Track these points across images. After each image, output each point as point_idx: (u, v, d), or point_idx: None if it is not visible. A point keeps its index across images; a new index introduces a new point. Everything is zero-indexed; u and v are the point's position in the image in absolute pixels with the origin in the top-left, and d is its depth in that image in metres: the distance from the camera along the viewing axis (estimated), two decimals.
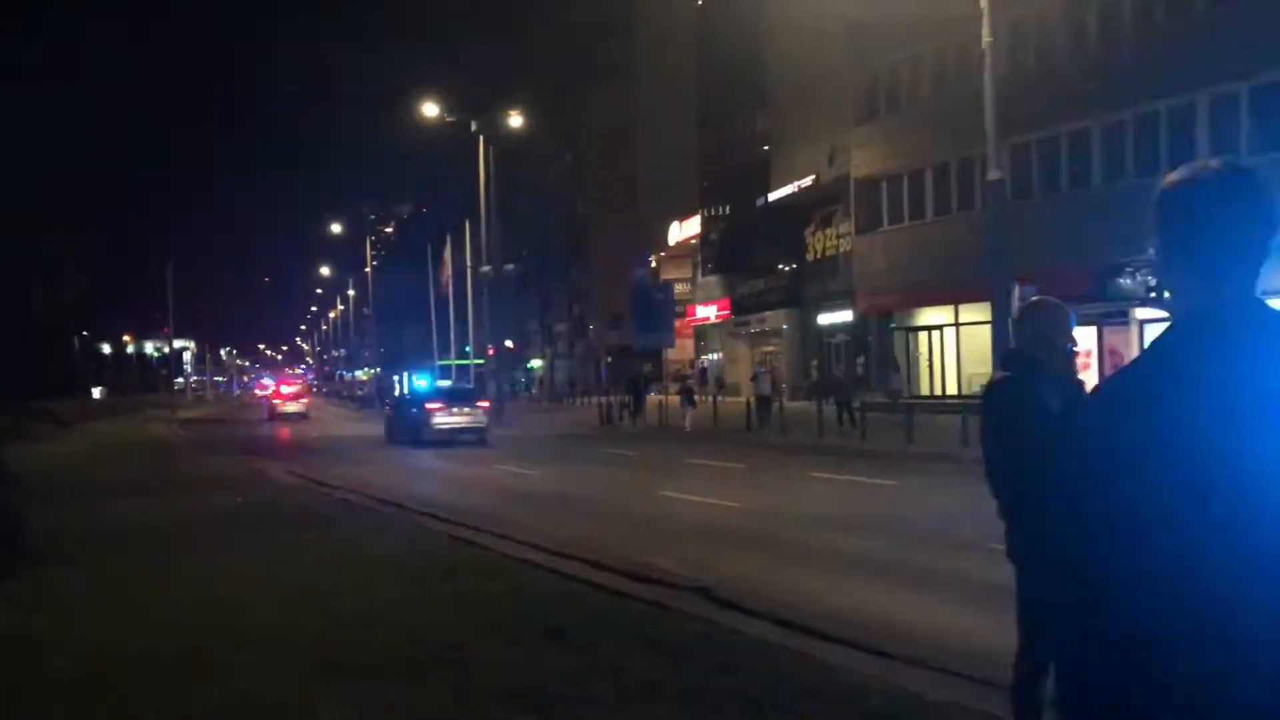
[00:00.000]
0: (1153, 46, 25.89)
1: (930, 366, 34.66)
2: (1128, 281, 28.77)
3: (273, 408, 53.19)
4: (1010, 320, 20.21)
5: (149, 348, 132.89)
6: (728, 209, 51.50)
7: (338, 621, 7.44)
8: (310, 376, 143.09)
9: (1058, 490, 1.87)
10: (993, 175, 20.04)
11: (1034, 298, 4.56)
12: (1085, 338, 20.12)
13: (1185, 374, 1.78)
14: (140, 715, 5.52)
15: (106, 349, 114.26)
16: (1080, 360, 4.62)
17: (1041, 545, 2.87)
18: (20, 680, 6.27)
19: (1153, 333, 26.70)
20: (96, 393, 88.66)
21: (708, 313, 53.67)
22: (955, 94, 30.97)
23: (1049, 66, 28.79)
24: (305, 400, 56.33)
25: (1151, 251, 1.97)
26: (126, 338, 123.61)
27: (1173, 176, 1.96)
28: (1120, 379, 1.89)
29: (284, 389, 62.82)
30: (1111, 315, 26.45)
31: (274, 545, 11.04)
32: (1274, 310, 1.85)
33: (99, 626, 7.49)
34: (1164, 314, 2.00)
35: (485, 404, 31.93)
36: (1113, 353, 26.66)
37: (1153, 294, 5.07)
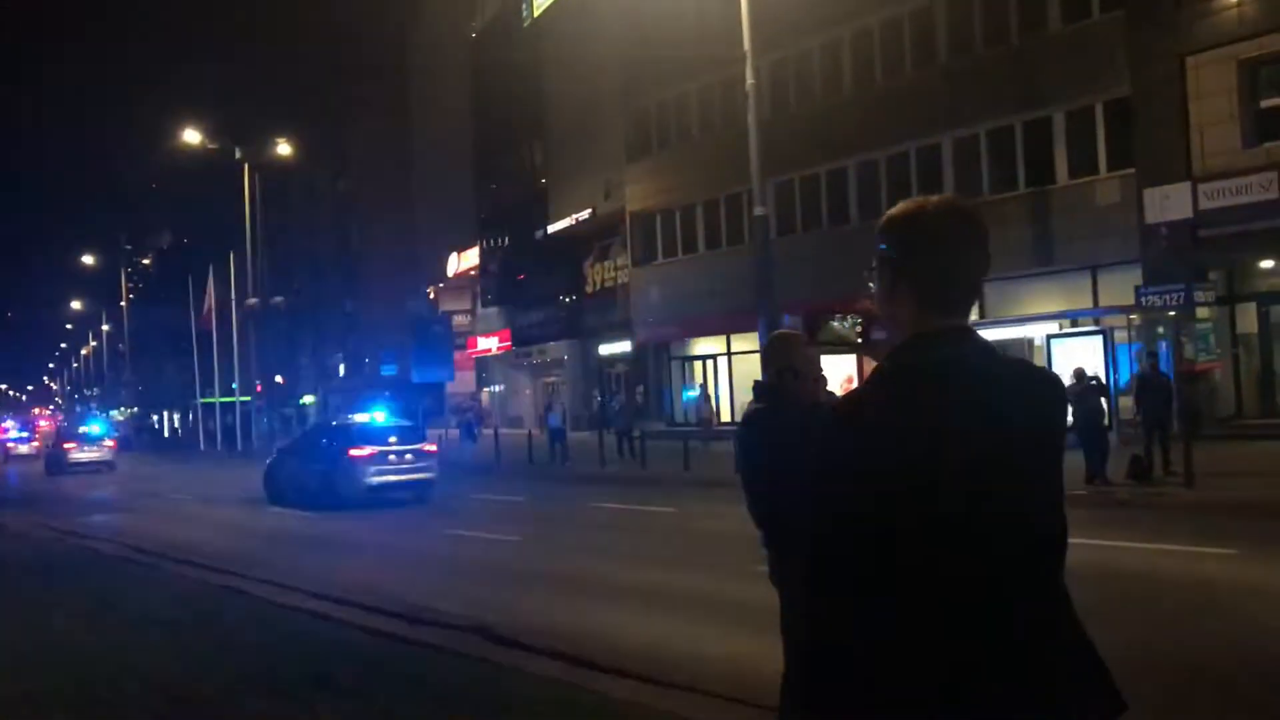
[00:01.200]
0: (900, 91, 27.64)
1: (705, 394, 35.56)
2: (838, 325, 31.09)
3: (6, 450, 54.94)
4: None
5: None
6: (507, 240, 51.45)
7: (84, 682, 6.91)
8: (59, 418, 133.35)
9: (794, 504, 2.04)
10: (758, 211, 20.85)
11: (776, 331, 4.74)
12: (845, 365, 21.10)
13: (899, 397, 1.94)
14: None
15: None
16: (837, 387, 4.82)
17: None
18: None
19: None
20: None
21: (489, 344, 53.39)
22: (722, 132, 32.09)
23: (809, 108, 30.26)
24: (36, 444, 56.65)
25: (871, 283, 2.11)
26: None
27: (895, 210, 2.10)
28: (847, 403, 2.05)
29: (15, 432, 62.84)
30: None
31: (11, 602, 10.19)
32: (980, 340, 2.03)
33: None
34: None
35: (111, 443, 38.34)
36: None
37: (860, 339, 5.36)
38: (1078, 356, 21.74)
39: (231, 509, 21.97)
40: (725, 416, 33.77)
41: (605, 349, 41.79)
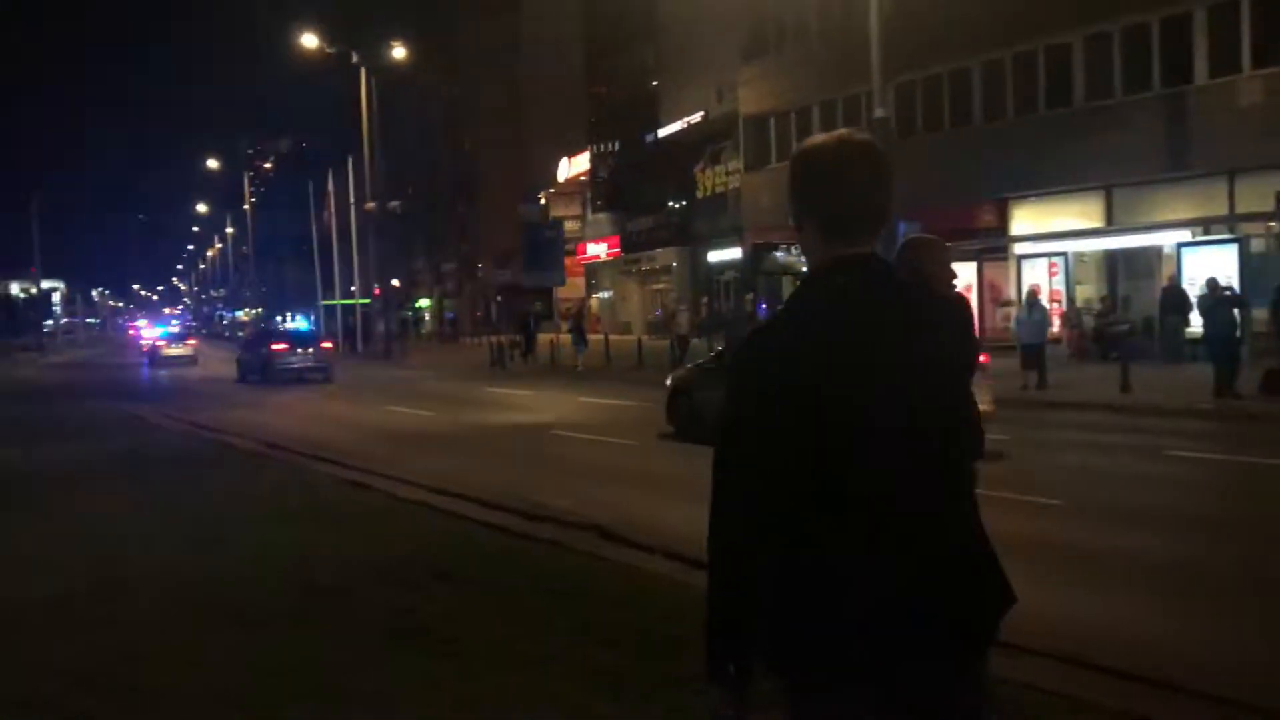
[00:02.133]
0: None
1: None
2: (781, 255, 30.52)
3: (153, 351, 48.83)
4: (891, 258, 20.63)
5: (14, 289, 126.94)
6: (617, 145, 51.17)
7: (224, 567, 7.29)
8: (188, 317, 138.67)
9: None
10: (878, 113, 20.27)
11: (910, 235, 4.62)
12: (965, 272, 20.61)
13: (805, 322, 2.11)
14: (17, 669, 5.33)
15: None
16: (959, 294, 4.72)
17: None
18: None
19: (1029, 267, 27.45)
20: None
21: (598, 250, 53.51)
22: (841, 32, 31.13)
23: (932, 5, 29.10)
24: (192, 342, 52.30)
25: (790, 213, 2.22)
26: None
27: (797, 148, 2.24)
28: (762, 329, 2.20)
29: (160, 331, 60.17)
30: (992, 250, 27.20)
31: (156, 491, 10.74)
32: (878, 267, 2.15)
33: None
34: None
35: (328, 345, 36.33)
36: (992, 287, 27.44)
37: (804, 268, 5.21)
38: (1211, 266, 20.85)
39: (350, 407, 22.67)
40: None
41: (715, 255, 41.52)
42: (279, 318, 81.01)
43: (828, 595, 2.02)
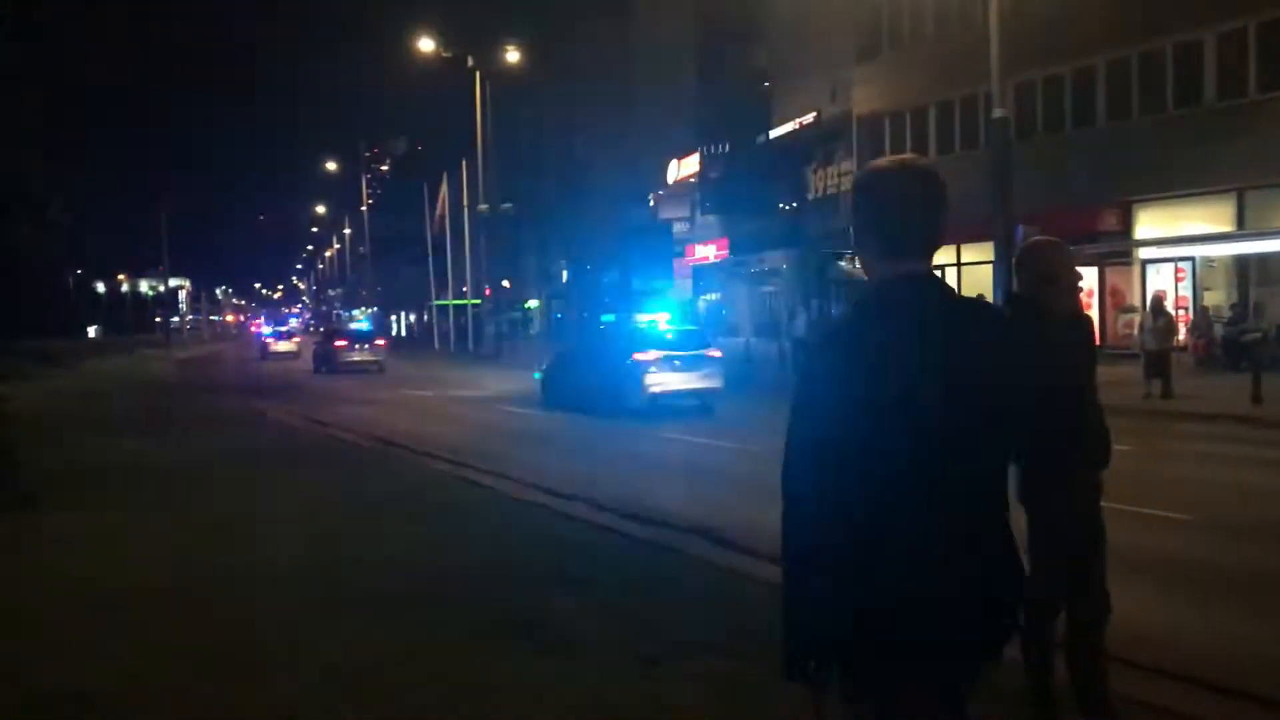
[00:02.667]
0: None
1: None
2: (845, 265, 29.52)
3: (264, 346, 55.81)
4: (1015, 261, 20.08)
5: (144, 286, 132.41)
6: (727, 147, 50.98)
7: (341, 560, 7.42)
8: (306, 316, 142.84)
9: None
10: (997, 113, 19.77)
11: (1034, 238, 4.45)
12: (1086, 277, 19.97)
13: (861, 335, 2.29)
14: (141, 652, 5.50)
15: (101, 288, 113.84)
16: (1082, 299, 4.54)
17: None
18: (19, 617, 6.24)
19: (1153, 272, 26.55)
20: (92, 331, 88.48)
21: (706, 252, 53.40)
22: (959, 30, 30.51)
23: (1055, 4, 28.33)
24: (296, 340, 57.00)
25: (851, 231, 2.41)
26: (121, 276, 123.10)
27: (864, 168, 2.43)
28: (823, 337, 2.41)
29: (275, 329, 64.75)
30: (1114, 255, 26.32)
31: (274, 484, 11.02)
32: (935, 287, 2.35)
33: (99, 565, 7.47)
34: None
35: (382, 342, 40.74)
36: (1114, 292, 26.56)
37: (864, 277, 5.03)
38: None
39: (461, 406, 23.01)
40: None
41: None
42: (346, 319, 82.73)
43: (878, 588, 2.20)
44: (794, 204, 43.78)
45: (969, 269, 32.08)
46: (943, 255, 32.60)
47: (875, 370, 2.21)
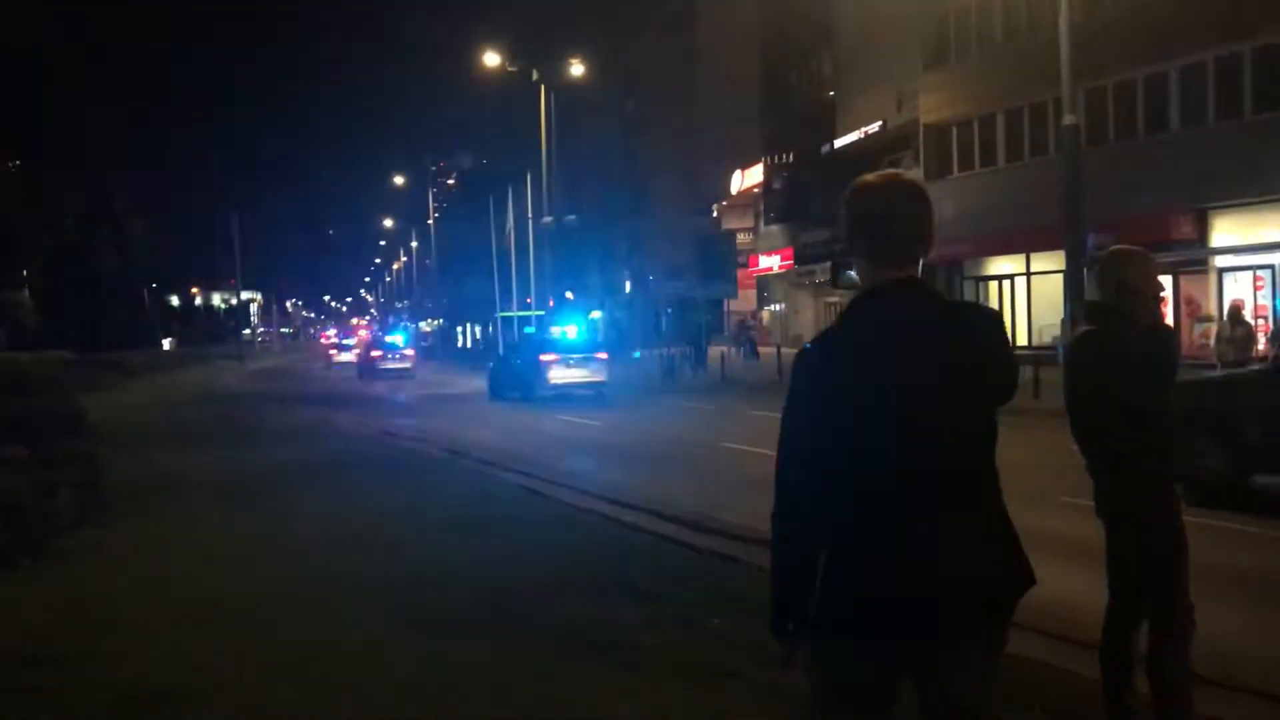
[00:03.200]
0: None
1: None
2: (853, 273, 28.96)
3: (328, 357, 61.88)
4: (1087, 270, 19.74)
5: (216, 299, 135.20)
6: (791, 157, 50.82)
7: (411, 570, 7.51)
8: (373, 327, 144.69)
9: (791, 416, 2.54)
10: (1068, 120, 19.50)
11: (1114, 246, 4.38)
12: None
13: (844, 335, 2.51)
14: (225, 659, 5.61)
15: (175, 301, 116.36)
16: (1165, 324, 4.47)
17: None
18: (107, 619, 6.41)
19: (1230, 281, 25.96)
20: (166, 344, 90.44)
21: (770, 263, 53.24)
22: (1028, 37, 30.13)
23: (1127, 7, 27.86)
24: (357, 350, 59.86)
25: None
26: (194, 290, 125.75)
27: (855, 184, 2.59)
28: (816, 339, 2.58)
29: (344, 341, 68.74)
30: (1189, 263, 25.76)
31: (346, 493, 11.19)
32: (920, 290, 2.49)
33: (180, 572, 7.64)
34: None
35: (410, 352, 46.56)
36: (1189, 301, 25.99)
37: None
38: None
39: (526, 416, 23.17)
40: (1022, 339, 32.39)
41: None
42: (390, 328, 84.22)
43: (849, 569, 2.42)
44: None
45: (1038, 278, 31.62)
46: (1012, 264, 32.19)
47: (855, 368, 2.42)
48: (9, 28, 27.07)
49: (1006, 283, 33.85)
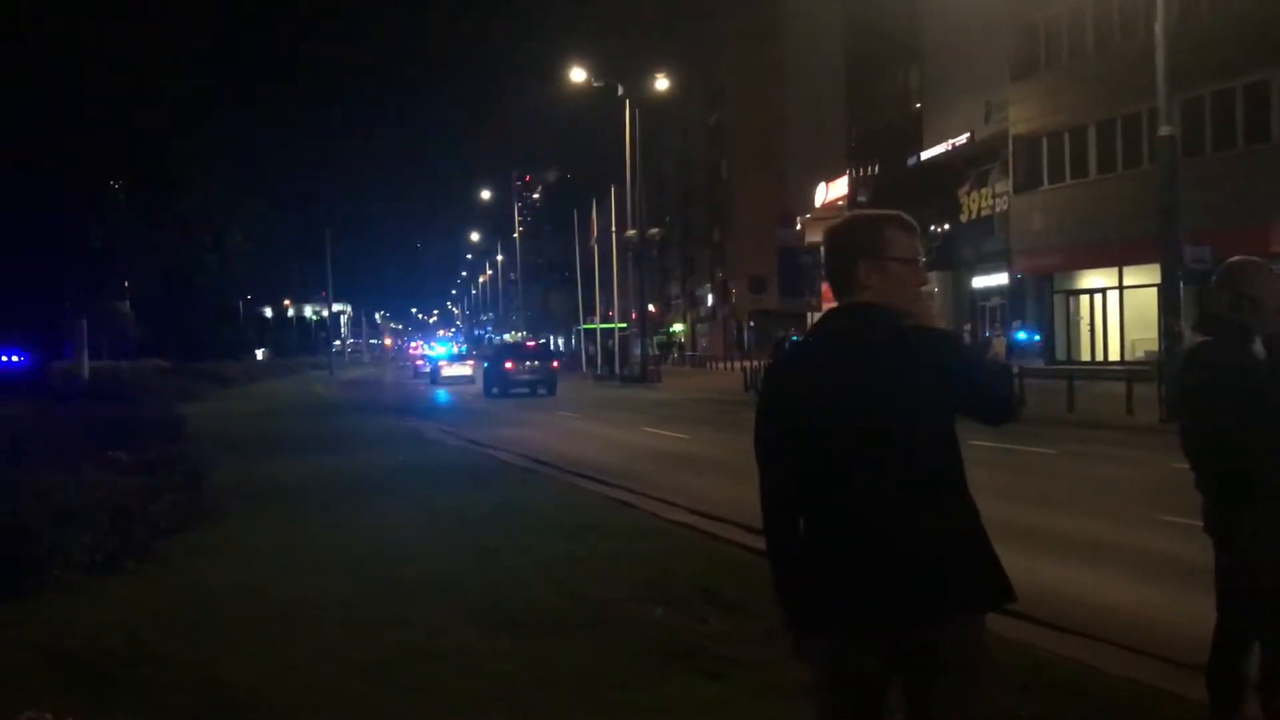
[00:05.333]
0: None
1: (1091, 331, 33.42)
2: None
3: (415, 367, 63.77)
4: (1184, 283, 19.23)
5: (308, 311, 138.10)
6: (877, 169, 50.38)
7: (499, 576, 7.61)
8: (460, 339, 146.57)
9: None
10: (1164, 130, 19.05)
11: (1233, 258, 4.27)
12: None
13: (804, 353, 3.02)
14: (316, 659, 5.75)
15: (268, 312, 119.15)
16: None
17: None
18: (207, 618, 6.61)
19: None
20: (259, 354, 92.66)
21: None
22: (1121, 47, 29.56)
23: (1224, 13, 27.15)
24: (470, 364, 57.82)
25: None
26: (286, 302, 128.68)
27: (827, 226, 3.02)
28: (777, 358, 3.08)
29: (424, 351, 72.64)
30: None
31: (434, 502, 11.36)
32: (875, 310, 2.73)
33: (275, 575, 7.84)
34: None
35: (471, 362, 51.85)
36: None
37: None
38: None
39: (611, 428, 23.29)
40: (1114, 354, 31.68)
41: (979, 281, 40.12)
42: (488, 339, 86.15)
43: (816, 567, 2.70)
44: (946, 226, 42.92)
45: (1131, 292, 30.93)
46: (1103, 277, 31.52)
47: (813, 382, 2.73)
48: (135, 62, 28.26)
49: (1098, 296, 33.15)
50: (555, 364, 40.75)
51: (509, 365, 38.05)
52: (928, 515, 2.61)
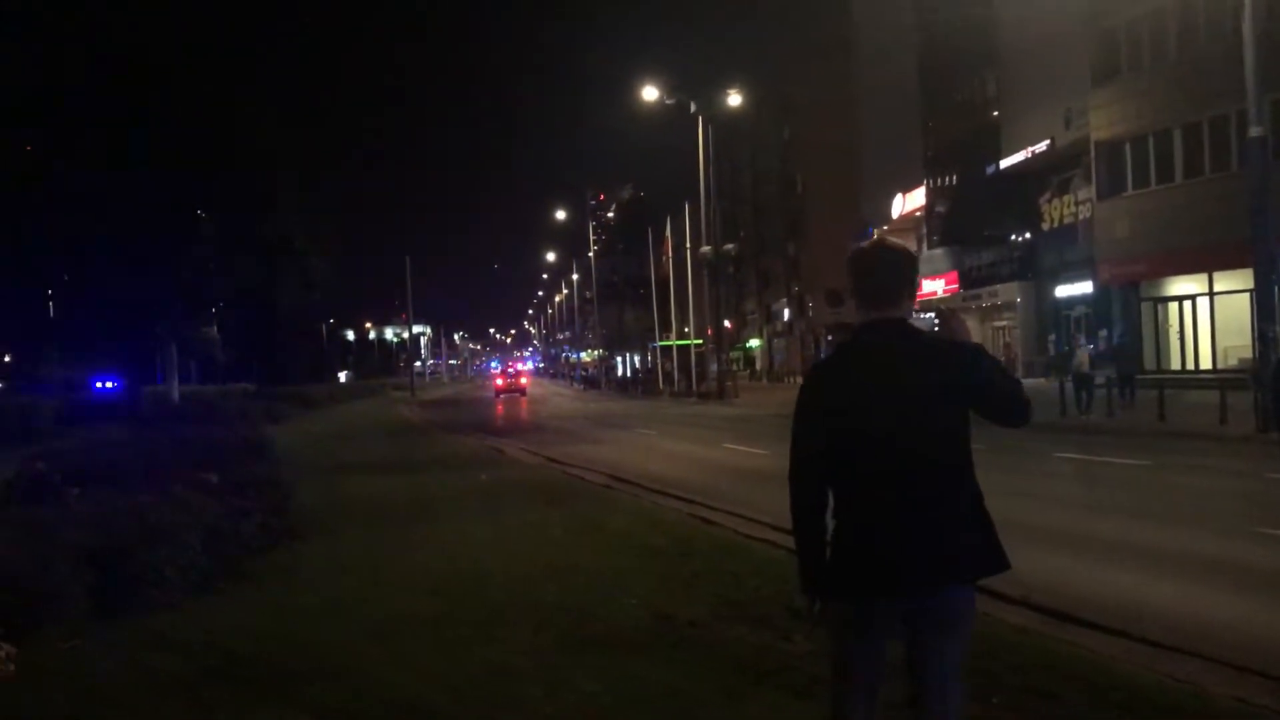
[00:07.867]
0: None
1: (1181, 339, 32.54)
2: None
3: (499, 387, 68.78)
4: (1277, 286, 18.63)
5: (388, 333, 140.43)
6: (954, 179, 49.74)
7: (582, 594, 7.62)
8: (537, 359, 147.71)
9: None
10: (1254, 132, 18.54)
11: None
12: None
13: (833, 362, 3.33)
14: (406, 676, 5.81)
15: (350, 335, 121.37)
16: None
17: None
18: (296, 636, 6.72)
19: None
20: (342, 376, 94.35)
21: (935, 287, 52.03)
22: (1205, 48, 28.87)
23: None
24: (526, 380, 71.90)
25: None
26: (368, 324, 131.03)
27: (852, 249, 3.35)
28: (816, 365, 3.40)
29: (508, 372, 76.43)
30: None
31: (515, 520, 11.43)
32: (900, 326, 3.19)
33: (364, 593, 7.95)
34: None
35: (526, 380, 61.42)
36: None
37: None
38: None
39: (689, 444, 23.25)
40: (1205, 363, 30.86)
41: (1062, 290, 39.34)
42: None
43: (843, 542, 3.17)
44: (1026, 235, 42.21)
45: (1222, 298, 30.09)
46: (1193, 284, 30.73)
47: (839, 388, 3.18)
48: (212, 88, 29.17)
49: (1187, 304, 32.29)
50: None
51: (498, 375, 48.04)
52: (938, 499, 3.08)
